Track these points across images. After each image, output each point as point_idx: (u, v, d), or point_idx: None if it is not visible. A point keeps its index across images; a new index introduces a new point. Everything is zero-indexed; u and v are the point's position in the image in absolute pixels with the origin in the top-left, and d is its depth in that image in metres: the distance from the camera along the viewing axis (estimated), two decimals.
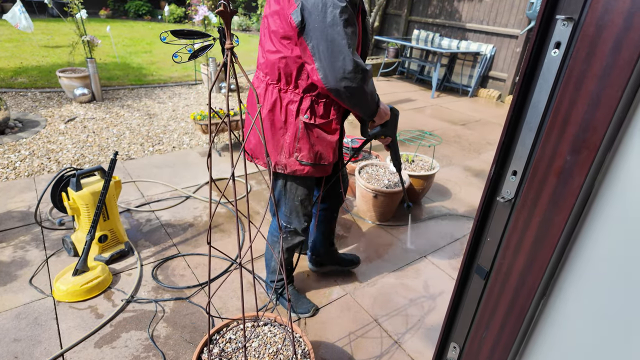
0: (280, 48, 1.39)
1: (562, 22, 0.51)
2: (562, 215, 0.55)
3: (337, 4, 1.23)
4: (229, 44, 0.86)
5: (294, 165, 1.54)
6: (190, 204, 2.94)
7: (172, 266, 2.28)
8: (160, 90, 5.61)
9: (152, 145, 3.88)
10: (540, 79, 0.55)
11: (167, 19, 11.56)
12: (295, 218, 1.72)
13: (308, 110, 1.46)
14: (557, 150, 0.54)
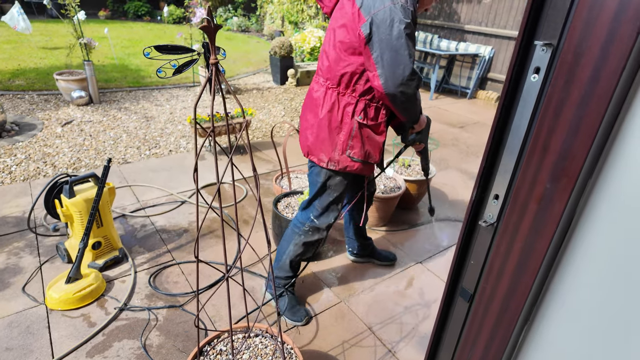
0: (344, 57, 1.58)
1: (541, 47, 0.50)
2: (543, 242, 0.54)
3: (403, 20, 1.42)
4: (213, 59, 0.85)
5: (345, 161, 1.71)
6: (185, 209, 2.93)
7: (166, 273, 2.27)
8: (158, 93, 5.60)
9: (149, 149, 3.87)
10: (521, 103, 0.54)
11: (166, 20, 11.56)
12: (324, 214, 1.86)
13: (362, 112, 1.65)
14: (538, 177, 0.53)
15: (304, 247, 1.92)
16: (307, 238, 1.90)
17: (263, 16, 11.48)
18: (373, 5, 1.45)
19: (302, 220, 1.91)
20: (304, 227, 1.90)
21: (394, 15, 1.42)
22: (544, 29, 0.50)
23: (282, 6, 9.95)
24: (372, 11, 1.45)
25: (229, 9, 12.06)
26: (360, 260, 2.46)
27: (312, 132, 1.73)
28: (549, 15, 0.49)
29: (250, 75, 7.03)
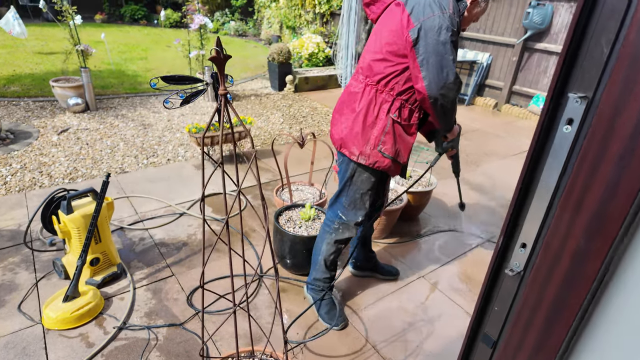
0: (389, 57, 1.67)
1: (576, 99, 0.48)
2: (577, 298, 0.52)
3: (449, 27, 1.54)
4: (222, 90, 0.82)
5: (376, 156, 1.76)
6: (184, 221, 2.89)
7: (166, 289, 2.23)
8: (156, 99, 5.56)
9: (147, 158, 3.83)
10: (551, 154, 0.52)
11: (163, 24, 11.51)
12: (352, 210, 1.92)
13: (397, 111, 1.72)
14: (571, 232, 0.50)
15: (336, 245, 1.99)
16: (338, 236, 1.97)
17: (260, 21, 11.46)
18: (423, 13, 1.56)
19: (331, 218, 1.99)
20: (333, 224, 1.98)
21: (442, 22, 1.53)
22: (578, 80, 0.48)
23: (279, 11, 9.95)
24: (421, 18, 1.56)
25: (226, 13, 12.04)
26: (362, 275, 2.43)
27: (347, 125, 1.80)
28: (584, 67, 0.47)
29: (249, 81, 7.00)
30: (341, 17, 4.46)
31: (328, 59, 7.81)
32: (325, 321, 2.06)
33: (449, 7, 1.57)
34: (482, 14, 1.75)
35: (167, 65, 7.30)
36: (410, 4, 1.62)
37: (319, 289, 2.09)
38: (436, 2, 1.56)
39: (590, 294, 0.51)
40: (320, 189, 2.85)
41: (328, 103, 5.93)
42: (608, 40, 0.44)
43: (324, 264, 2.04)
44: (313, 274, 2.11)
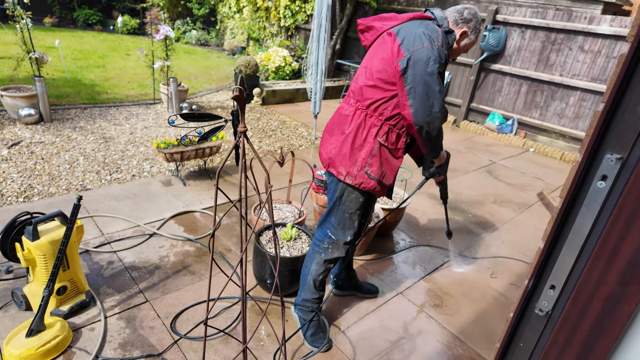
0: (379, 84, 1.74)
1: (610, 159, 0.52)
2: (607, 341, 0.56)
3: (437, 59, 1.60)
4: (242, 127, 0.81)
5: (362, 177, 1.81)
6: (155, 242, 2.77)
7: (140, 317, 2.12)
8: (116, 110, 5.31)
9: (110, 174, 3.64)
10: (585, 205, 0.56)
11: (120, 30, 11.07)
12: (341, 230, 1.94)
13: (385, 135, 1.78)
14: (605, 278, 0.55)
15: (325, 265, 2.01)
16: (327, 255, 1.99)
17: (223, 31, 11.34)
18: (413, 44, 1.63)
19: (320, 237, 2.01)
20: (323, 244, 1.99)
21: (431, 54, 1.60)
22: (613, 141, 0.52)
23: (243, 22, 9.90)
24: (411, 49, 1.63)
25: (187, 22, 11.79)
26: (344, 294, 2.44)
27: (336, 145, 1.86)
28: (620, 130, 0.51)
29: (213, 93, 6.87)
30: (311, 34, 4.52)
31: (294, 72, 7.85)
32: (309, 344, 2.04)
33: (438, 39, 1.64)
34: (472, 46, 1.85)
35: (127, 75, 7.01)
36: (401, 34, 1.69)
37: (308, 310, 2.08)
38: (426, 34, 1.63)
39: (620, 338, 0.55)
40: (298, 207, 2.84)
41: (297, 117, 5.95)
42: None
43: (313, 284, 2.03)
44: (302, 295, 2.09)
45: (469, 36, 1.79)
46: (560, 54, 5.57)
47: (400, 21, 1.77)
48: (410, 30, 1.68)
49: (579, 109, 5.56)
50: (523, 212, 3.88)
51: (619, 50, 5.09)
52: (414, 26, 1.69)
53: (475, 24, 1.79)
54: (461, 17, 1.77)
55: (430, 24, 1.72)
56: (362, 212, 1.96)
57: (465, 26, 1.78)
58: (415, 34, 1.65)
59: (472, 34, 1.79)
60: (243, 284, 1.05)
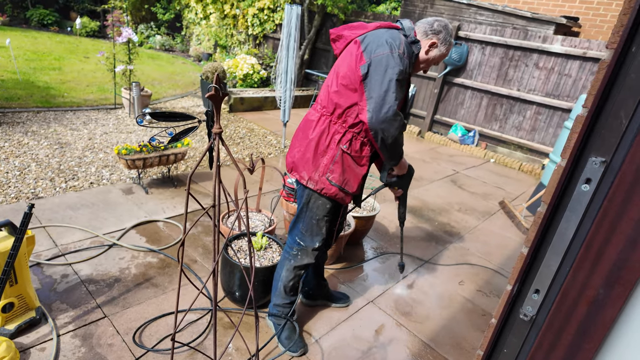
0: (343, 91, 1.75)
1: (594, 162, 0.53)
2: (592, 344, 0.56)
3: (395, 67, 1.62)
4: (217, 128, 0.76)
5: (324, 183, 1.82)
6: (114, 253, 2.61)
7: (97, 334, 1.97)
8: (73, 115, 5.03)
9: (65, 181, 3.42)
10: (569, 208, 0.57)
11: (78, 32, 10.58)
12: (309, 236, 1.94)
13: (348, 142, 1.79)
14: (589, 281, 0.55)
15: (295, 272, 2.01)
16: (297, 262, 1.99)
17: (189, 37, 11.12)
18: (374, 50, 1.66)
19: (290, 244, 2.01)
20: (292, 251, 1.99)
21: (389, 61, 1.62)
22: (597, 145, 0.53)
23: (210, 29, 9.76)
24: (372, 55, 1.66)
25: (151, 27, 11.48)
26: (314, 304, 2.40)
27: (300, 150, 1.87)
28: (603, 134, 0.52)
29: (178, 99, 6.69)
30: (280, 43, 4.52)
31: (263, 80, 7.80)
32: (285, 346, 2.04)
33: (399, 48, 1.67)
34: (443, 58, 1.85)
35: (86, 78, 6.69)
36: (365, 41, 1.72)
37: (280, 315, 2.08)
38: (388, 41, 1.66)
39: (604, 342, 0.55)
40: (269, 215, 2.78)
41: (265, 125, 5.89)
42: (627, 114, 0.50)
43: (283, 290, 2.04)
44: (274, 300, 2.11)
45: (438, 47, 1.81)
46: (518, 69, 5.88)
47: (367, 30, 1.80)
48: (375, 37, 1.71)
49: (535, 122, 5.87)
50: (486, 219, 4.01)
51: (570, 68, 5.44)
52: (379, 34, 1.72)
53: (445, 36, 1.80)
54: (431, 29, 1.79)
55: (395, 32, 1.74)
56: (331, 219, 1.95)
57: (434, 37, 1.80)
58: (377, 41, 1.68)
59: (442, 46, 1.81)
60: (214, 295, 0.99)
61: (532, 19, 5.95)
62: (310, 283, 2.34)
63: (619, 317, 0.54)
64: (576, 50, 5.28)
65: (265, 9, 8.32)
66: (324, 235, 1.96)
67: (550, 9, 6.76)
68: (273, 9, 8.26)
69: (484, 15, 6.44)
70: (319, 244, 1.96)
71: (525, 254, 0.66)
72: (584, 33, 6.57)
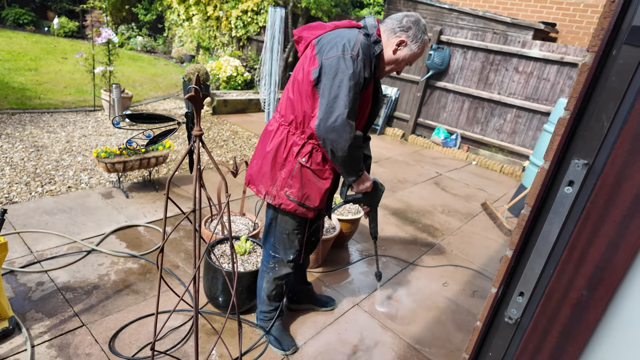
0: (298, 97, 1.62)
1: (577, 164, 0.53)
2: (575, 346, 0.56)
3: (346, 71, 1.48)
4: (197, 131, 0.74)
5: (282, 198, 1.72)
6: (93, 259, 2.54)
7: (75, 343, 1.91)
8: (50, 117, 4.89)
9: (41, 185, 3.31)
10: (552, 210, 0.57)
11: (56, 32, 10.31)
12: (282, 249, 1.88)
13: (307, 155, 1.66)
14: (573, 283, 0.55)
15: (275, 282, 1.97)
16: (275, 274, 1.94)
17: (171, 38, 10.98)
18: (326, 53, 1.53)
19: (266, 257, 1.96)
20: (269, 264, 1.94)
21: (340, 64, 1.49)
22: (579, 148, 0.53)
23: (193, 30, 9.65)
24: (323, 58, 1.53)
25: (132, 28, 11.28)
26: (299, 308, 2.38)
27: (257, 162, 1.77)
28: (585, 136, 0.53)
29: (160, 101, 6.58)
30: (264, 45, 4.49)
31: (247, 82, 7.75)
32: (274, 346, 2.04)
33: (352, 49, 1.50)
34: (416, 57, 1.65)
35: (63, 80, 6.52)
36: (320, 43, 1.58)
37: (267, 319, 2.07)
38: (341, 43, 1.52)
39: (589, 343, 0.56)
40: (253, 219, 2.75)
41: (249, 127, 5.85)
42: (608, 116, 0.50)
43: (267, 298, 2.03)
44: (260, 307, 2.09)
45: (408, 45, 1.61)
46: (498, 73, 6.00)
47: (325, 30, 1.64)
48: (329, 39, 1.56)
49: (515, 125, 5.99)
50: (469, 221, 4.06)
51: (548, 72, 5.58)
52: (334, 35, 1.57)
53: (415, 32, 1.60)
54: (399, 25, 1.60)
55: (353, 32, 1.58)
56: (302, 231, 1.87)
57: (403, 35, 1.60)
58: (331, 42, 1.54)
59: (412, 44, 1.60)
60: (196, 302, 0.97)
61: (511, 24, 6.09)
62: (293, 289, 2.32)
63: (602, 318, 0.55)
64: (554, 55, 5.42)
65: (249, 11, 8.28)
66: (298, 247, 1.89)
67: (529, 14, 6.93)
68: (257, 11, 8.23)
69: (465, 20, 6.56)
70: (293, 256, 1.90)
71: (509, 257, 0.66)
72: (561, 38, 6.75)
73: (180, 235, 2.95)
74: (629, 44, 0.46)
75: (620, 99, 0.49)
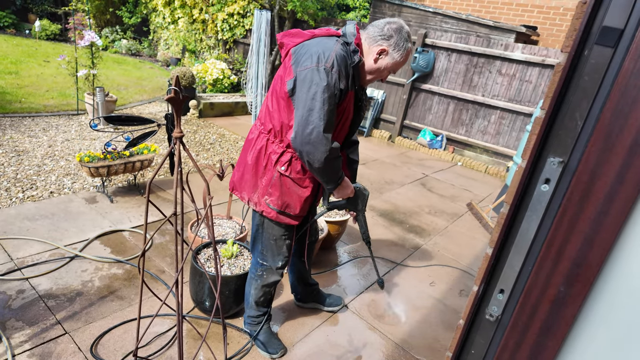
0: (276, 106, 1.61)
1: (553, 162, 0.54)
2: (555, 341, 0.57)
3: (319, 83, 1.45)
4: (177, 132, 0.73)
5: (262, 206, 1.72)
6: (76, 265, 2.49)
7: (57, 351, 1.86)
8: (32, 121, 4.79)
9: (22, 191, 3.24)
10: (530, 208, 0.58)
11: (37, 35, 10.12)
12: (270, 257, 1.87)
13: (286, 164, 1.65)
14: (551, 280, 0.56)
15: (264, 290, 1.95)
16: (263, 281, 1.93)
17: (157, 41, 10.87)
18: (301, 64, 1.50)
19: (254, 264, 1.95)
20: (257, 271, 1.93)
21: (313, 76, 1.46)
22: (554, 146, 0.54)
23: (178, 34, 9.58)
24: (298, 69, 1.50)
25: (116, 31, 11.14)
26: (305, 306, 2.44)
27: (240, 170, 1.79)
28: (560, 135, 0.54)
29: (146, 104, 6.50)
30: (251, 48, 4.48)
31: (233, 85, 7.72)
32: (262, 350, 2.03)
33: (327, 60, 1.46)
34: (399, 65, 1.61)
35: (45, 83, 6.39)
36: (297, 53, 1.54)
37: (255, 323, 2.06)
38: (316, 53, 1.48)
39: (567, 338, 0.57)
40: (240, 222, 2.73)
41: (237, 130, 5.82)
42: (581, 115, 0.51)
43: (255, 304, 2.02)
44: (247, 312, 2.07)
45: (390, 54, 1.55)
46: (482, 76, 6.09)
47: (303, 39, 1.59)
48: (305, 49, 1.52)
49: (499, 126, 6.08)
50: (455, 221, 4.11)
51: (530, 74, 5.68)
52: (311, 44, 1.52)
53: (397, 41, 1.54)
54: (380, 34, 1.55)
55: (330, 42, 1.53)
56: (289, 237, 1.85)
57: (384, 43, 1.55)
58: (306, 53, 1.50)
59: (394, 52, 1.55)
60: (179, 306, 0.95)
61: (494, 27, 6.19)
62: (298, 291, 2.38)
63: (580, 314, 0.56)
64: (536, 58, 5.53)
65: (235, 14, 8.25)
66: (286, 253, 1.88)
67: (511, 18, 7.06)
68: (243, 14, 8.21)
69: (449, 24, 6.64)
70: (282, 262, 1.88)
71: (489, 255, 0.67)
72: (542, 41, 6.89)
73: (166, 240, 2.92)
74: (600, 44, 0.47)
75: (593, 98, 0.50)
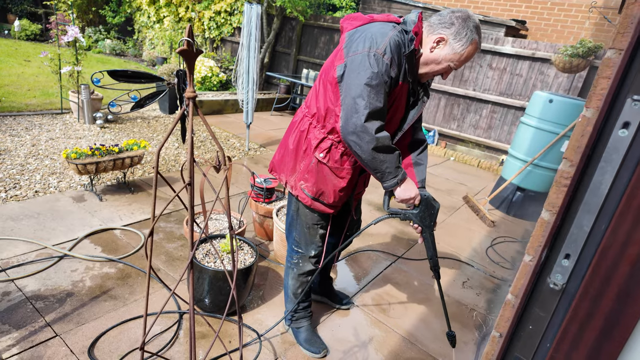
0: (323, 90, 1.57)
1: (633, 102, 0.48)
2: (637, 307, 0.50)
3: (369, 69, 1.38)
4: (190, 92, 0.65)
5: (298, 190, 1.70)
6: (66, 265, 2.36)
7: (47, 355, 1.74)
8: (13, 121, 4.60)
9: (5, 190, 3.08)
10: (603, 159, 0.52)
11: (17, 35, 9.82)
12: (303, 244, 1.84)
13: (325, 151, 1.61)
14: (632, 236, 0.50)
15: (300, 279, 1.92)
16: (299, 270, 1.90)
17: (142, 41, 10.65)
18: (353, 48, 1.44)
19: (290, 253, 1.93)
20: (292, 260, 1.90)
21: (364, 62, 1.39)
22: (634, 82, 0.48)
23: (164, 32, 9.40)
24: (350, 54, 1.44)
25: (100, 30, 10.88)
26: (314, 298, 2.34)
27: (280, 151, 1.78)
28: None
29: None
30: (241, 42, 4.38)
31: (222, 83, 7.59)
32: (304, 349, 1.98)
33: (379, 46, 1.38)
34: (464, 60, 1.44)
35: (27, 82, 6.18)
36: (350, 37, 1.48)
37: (294, 319, 2.04)
38: (369, 38, 1.41)
39: None
40: (238, 217, 2.64)
41: (227, 128, 5.70)
42: None
43: (293, 297, 1.98)
44: (287, 307, 2.05)
45: (449, 44, 1.41)
46: (473, 70, 6.10)
47: (362, 22, 1.52)
48: (360, 33, 1.45)
49: (490, 120, 6.10)
50: (452, 214, 4.07)
51: (520, 68, 5.71)
52: (366, 29, 1.46)
53: (459, 29, 1.39)
54: (440, 21, 1.43)
55: (387, 27, 1.44)
56: (323, 227, 1.79)
57: (444, 32, 1.42)
58: (360, 37, 1.44)
59: (455, 42, 1.40)
60: (191, 296, 0.87)
61: (484, 21, 6.21)
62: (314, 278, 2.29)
63: None
64: (526, 51, 5.56)
65: (222, 12, 8.13)
66: (319, 243, 1.83)
67: (500, 13, 7.10)
68: (230, 12, 8.10)
69: None
70: (315, 252, 1.84)
71: (545, 220, 0.60)
72: (530, 36, 6.94)
73: (160, 238, 2.80)
74: None
75: None
